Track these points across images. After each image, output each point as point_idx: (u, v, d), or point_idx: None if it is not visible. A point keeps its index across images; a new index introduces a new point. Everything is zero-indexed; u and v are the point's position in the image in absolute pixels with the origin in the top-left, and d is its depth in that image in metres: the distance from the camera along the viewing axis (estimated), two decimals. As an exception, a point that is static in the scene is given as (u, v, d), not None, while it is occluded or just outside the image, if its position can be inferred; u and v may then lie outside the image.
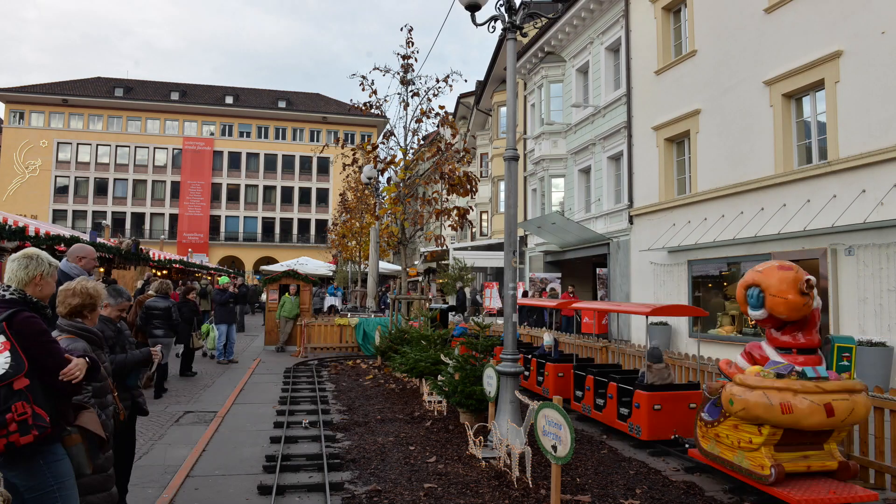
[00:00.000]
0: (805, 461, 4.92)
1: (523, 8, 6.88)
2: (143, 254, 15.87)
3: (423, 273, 35.14)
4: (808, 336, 5.11)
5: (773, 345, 5.22)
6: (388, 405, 8.85)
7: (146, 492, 5.05)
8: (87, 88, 56.80)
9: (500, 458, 5.74)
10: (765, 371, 4.99)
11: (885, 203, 9.74)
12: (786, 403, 4.61)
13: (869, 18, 10.28)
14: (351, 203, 27.34)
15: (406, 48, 13.80)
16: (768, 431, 4.80)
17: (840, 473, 4.94)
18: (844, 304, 10.60)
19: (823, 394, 4.64)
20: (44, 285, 3.16)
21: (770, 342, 5.27)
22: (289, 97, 61.52)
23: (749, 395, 4.80)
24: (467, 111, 34.61)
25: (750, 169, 12.78)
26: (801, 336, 5.10)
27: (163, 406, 8.64)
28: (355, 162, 15.58)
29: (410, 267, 27.23)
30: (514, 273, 6.65)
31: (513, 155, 6.65)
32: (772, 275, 5.08)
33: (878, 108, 10.05)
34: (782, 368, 4.91)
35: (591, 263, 21.14)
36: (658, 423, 6.71)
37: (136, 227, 55.29)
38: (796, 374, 4.84)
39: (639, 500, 5.04)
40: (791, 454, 4.92)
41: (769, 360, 5.15)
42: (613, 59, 18.86)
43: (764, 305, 5.08)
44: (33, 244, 9.86)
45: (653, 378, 7.04)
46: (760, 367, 5.11)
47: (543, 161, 21.60)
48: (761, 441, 4.85)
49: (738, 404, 4.87)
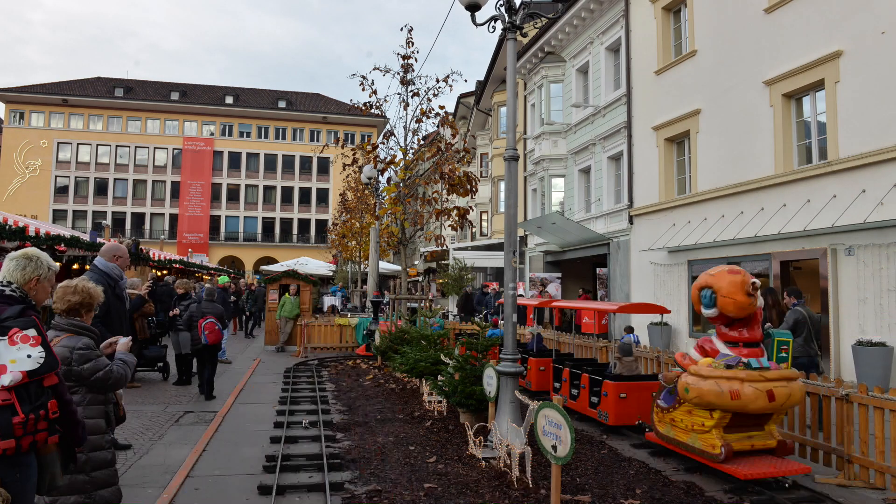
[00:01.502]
0: (750, 441, 5.56)
1: (523, 8, 6.87)
2: (143, 254, 15.87)
3: (423, 273, 35.14)
4: (752, 332, 5.71)
5: (723, 339, 5.80)
6: (388, 405, 8.85)
7: (146, 492, 5.05)
8: (87, 88, 56.81)
9: (500, 458, 5.74)
10: (716, 362, 5.59)
11: (885, 203, 9.74)
12: (734, 391, 5.23)
13: (869, 18, 10.28)
14: (351, 203, 27.33)
15: (406, 48, 13.79)
16: (719, 415, 5.43)
17: (779, 451, 5.60)
18: (844, 304, 10.60)
19: (766, 382, 5.28)
20: (39, 289, 3.02)
21: (720, 337, 5.85)
22: (289, 97, 61.52)
23: (703, 383, 5.41)
24: (467, 111, 34.61)
25: (750, 169, 12.78)
26: (747, 332, 5.70)
27: (163, 406, 8.64)
28: (355, 162, 15.57)
29: (410, 267, 27.23)
30: (514, 273, 6.65)
31: (513, 155, 6.64)
32: (722, 278, 5.66)
33: (878, 108, 10.05)
34: (731, 360, 5.52)
35: (591, 263, 21.14)
36: (623, 410, 7.34)
37: (136, 227, 55.30)
38: (743, 364, 5.45)
39: (639, 500, 5.04)
40: (738, 435, 5.55)
41: (719, 353, 5.73)
42: (613, 59, 18.86)
43: (715, 305, 5.66)
44: (33, 244, 9.86)
45: (621, 369, 7.80)
46: (712, 359, 5.68)
47: (543, 161, 21.60)
48: (713, 424, 5.48)
49: (692, 392, 5.48)
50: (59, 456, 2.82)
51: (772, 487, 5.41)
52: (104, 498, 3.43)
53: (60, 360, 3.31)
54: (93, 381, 3.40)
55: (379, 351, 12.53)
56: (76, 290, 3.49)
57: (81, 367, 3.36)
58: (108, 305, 5.45)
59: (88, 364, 3.38)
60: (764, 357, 5.64)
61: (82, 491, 3.36)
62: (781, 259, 12.09)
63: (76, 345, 3.39)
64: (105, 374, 3.42)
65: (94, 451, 3.43)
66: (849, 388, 5.72)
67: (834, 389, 5.82)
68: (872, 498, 5.21)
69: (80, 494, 3.35)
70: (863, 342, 9.59)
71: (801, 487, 5.40)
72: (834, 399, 5.84)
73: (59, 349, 3.31)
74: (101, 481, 3.42)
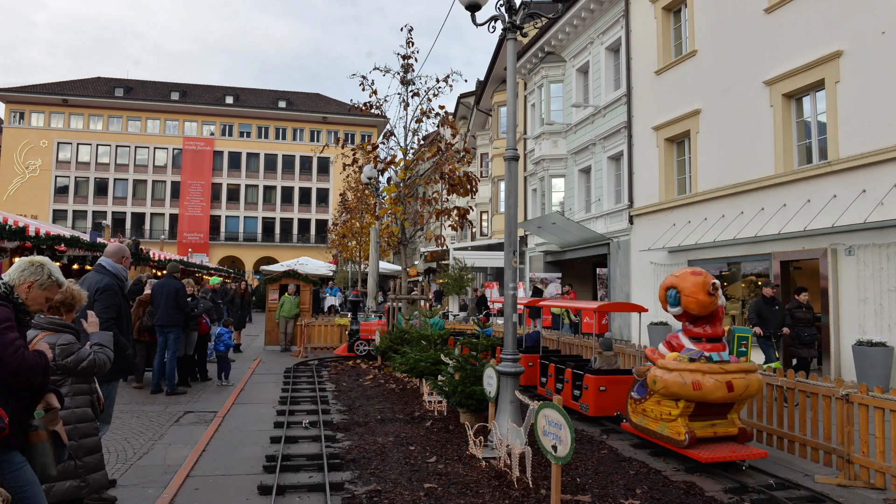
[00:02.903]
0: (712, 428, 6.03)
1: (523, 8, 6.87)
2: (143, 254, 15.87)
3: (424, 273, 35.14)
4: (714, 328, 6.18)
5: (687, 335, 6.27)
6: (388, 405, 8.85)
7: (146, 492, 5.05)
8: (87, 88, 56.80)
9: (500, 458, 5.73)
10: (680, 356, 6.07)
11: (885, 203, 9.74)
12: (696, 382, 5.71)
13: (869, 18, 10.28)
14: (351, 203, 27.32)
15: (406, 48, 13.79)
16: (683, 405, 5.90)
17: (740, 437, 6.06)
18: (844, 304, 10.60)
19: (725, 374, 5.74)
20: (32, 294, 3.03)
21: (685, 333, 6.31)
22: (289, 97, 61.50)
23: (668, 376, 5.89)
24: (467, 111, 34.61)
25: (750, 169, 12.77)
26: (709, 328, 6.17)
27: (163, 406, 8.64)
28: (355, 162, 15.57)
29: (410, 267, 27.22)
30: (514, 273, 6.64)
31: (513, 155, 6.64)
32: (686, 279, 6.12)
33: (878, 108, 10.05)
34: (694, 354, 6.00)
35: (592, 263, 21.15)
36: (603, 403, 7.77)
37: (137, 227, 55.30)
38: (705, 358, 5.93)
39: (639, 500, 5.04)
40: (702, 423, 6.02)
41: (684, 348, 6.20)
42: (613, 59, 18.86)
43: (680, 303, 6.12)
44: (33, 244, 9.86)
45: (602, 363, 8.19)
46: (677, 354, 6.17)
47: (543, 161, 21.60)
48: (678, 413, 5.95)
49: (659, 384, 5.98)
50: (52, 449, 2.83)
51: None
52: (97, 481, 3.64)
53: None
54: (80, 370, 3.60)
55: (379, 351, 12.53)
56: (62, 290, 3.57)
57: (66, 360, 3.56)
58: (120, 308, 5.46)
59: (72, 357, 3.58)
60: (725, 351, 6.09)
61: (76, 476, 3.55)
62: (782, 259, 12.09)
63: (57, 341, 3.57)
64: (90, 362, 3.63)
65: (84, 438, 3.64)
66: (849, 389, 5.72)
67: (834, 389, 5.82)
68: (872, 498, 5.21)
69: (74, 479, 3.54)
70: (863, 342, 9.59)
71: (801, 487, 5.40)
72: (834, 399, 5.84)
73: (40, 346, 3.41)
74: (91, 466, 3.65)
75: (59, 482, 3.44)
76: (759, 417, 6.83)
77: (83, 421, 3.61)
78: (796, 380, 6.36)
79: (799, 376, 6.41)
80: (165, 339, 9.48)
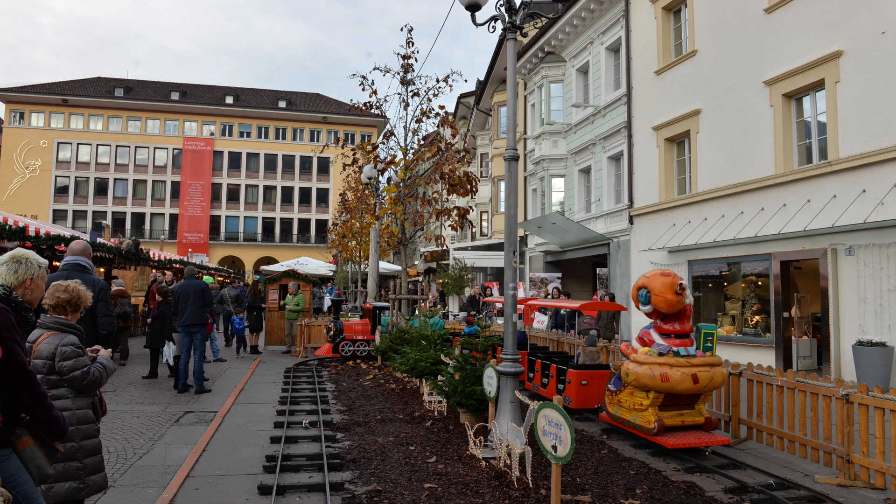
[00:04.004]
0: (680, 417, 6.56)
1: (523, 8, 6.87)
2: (143, 254, 15.87)
3: (424, 273, 35.14)
4: (683, 325, 6.66)
5: (658, 331, 6.75)
6: (388, 405, 8.85)
7: (146, 492, 5.05)
8: (87, 88, 56.80)
9: (500, 458, 5.73)
10: (651, 351, 6.55)
11: (885, 203, 9.74)
12: (664, 374, 6.21)
13: (869, 18, 10.28)
14: (351, 203, 27.31)
15: (406, 48, 13.78)
16: (653, 395, 6.40)
17: (706, 426, 6.59)
18: (844, 304, 10.59)
19: (691, 367, 6.25)
20: (34, 288, 3.07)
21: (656, 330, 6.78)
22: (289, 97, 61.51)
23: (639, 369, 6.39)
24: (467, 111, 34.61)
25: (750, 169, 12.77)
26: (678, 325, 6.67)
27: (163, 406, 8.64)
28: (355, 162, 15.56)
29: (410, 267, 27.24)
30: (514, 273, 6.64)
31: (513, 155, 6.64)
32: (655, 280, 6.60)
33: (878, 108, 10.05)
34: (663, 349, 6.48)
35: (592, 263, 21.14)
36: (585, 396, 8.21)
37: (137, 227, 55.31)
38: (673, 353, 6.41)
39: (639, 500, 5.04)
40: (671, 412, 6.55)
41: (655, 343, 6.68)
42: (613, 59, 18.86)
43: (650, 302, 6.60)
44: (33, 244, 9.87)
45: (585, 359, 8.70)
46: (648, 348, 6.65)
47: (543, 161, 21.60)
48: (648, 403, 6.45)
49: (632, 376, 6.47)
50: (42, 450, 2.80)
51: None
52: (96, 483, 3.65)
53: (45, 356, 3.42)
54: (69, 378, 3.49)
55: (379, 351, 12.53)
56: (67, 289, 3.59)
57: (61, 363, 3.47)
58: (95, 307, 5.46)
59: (69, 362, 3.48)
60: (692, 346, 6.57)
61: (76, 477, 3.51)
62: (781, 259, 12.09)
63: (61, 342, 3.51)
64: (82, 373, 3.52)
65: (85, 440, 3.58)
66: (849, 389, 5.72)
67: (834, 389, 5.82)
68: (872, 498, 5.21)
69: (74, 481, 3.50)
70: (863, 342, 9.59)
71: (801, 487, 5.40)
72: (834, 399, 5.84)
73: (44, 346, 3.45)
74: (92, 467, 3.60)
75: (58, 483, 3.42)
76: (760, 417, 6.83)
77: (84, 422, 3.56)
78: (797, 380, 6.37)
79: (799, 376, 6.42)
80: (191, 339, 9.58)
